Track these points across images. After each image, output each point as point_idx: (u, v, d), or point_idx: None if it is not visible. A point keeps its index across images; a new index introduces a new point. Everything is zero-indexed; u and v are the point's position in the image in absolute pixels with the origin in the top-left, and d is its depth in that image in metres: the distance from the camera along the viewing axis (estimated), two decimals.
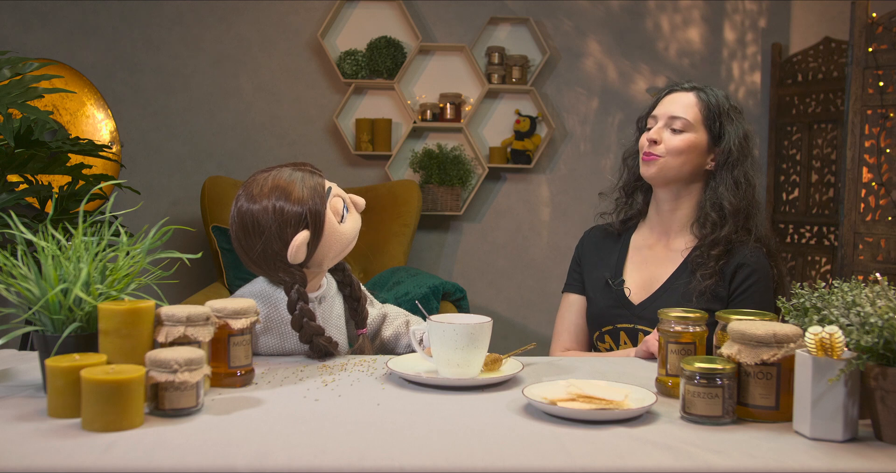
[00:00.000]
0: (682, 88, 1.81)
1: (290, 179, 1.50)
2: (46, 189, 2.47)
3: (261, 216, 1.47)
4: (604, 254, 1.88)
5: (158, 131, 3.92)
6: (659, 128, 1.77)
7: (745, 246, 1.73)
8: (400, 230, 3.65)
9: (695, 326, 1.30)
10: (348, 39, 3.93)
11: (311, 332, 1.49)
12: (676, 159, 1.75)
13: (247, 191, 1.50)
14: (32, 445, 1.01)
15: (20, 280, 1.20)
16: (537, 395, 1.19)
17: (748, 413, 1.17)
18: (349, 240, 1.56)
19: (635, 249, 1.86)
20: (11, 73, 2.20)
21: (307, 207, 1.47)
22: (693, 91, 1.80)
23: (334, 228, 1.52)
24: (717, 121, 1.76)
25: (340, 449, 1.01)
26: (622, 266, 1.85)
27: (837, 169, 3.60)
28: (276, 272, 1.50)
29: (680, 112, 1.76)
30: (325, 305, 1.59)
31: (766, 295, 1.72)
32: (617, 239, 1.90)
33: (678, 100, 1.79)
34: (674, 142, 1.75)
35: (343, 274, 1.65)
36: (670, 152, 1.75)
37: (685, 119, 1.75)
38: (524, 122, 3.88)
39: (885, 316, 1.04)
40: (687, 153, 1.75)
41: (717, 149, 1.77)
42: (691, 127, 1.75)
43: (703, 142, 1.76)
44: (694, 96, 1.78)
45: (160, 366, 1.12)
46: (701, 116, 1.76)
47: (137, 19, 3.86)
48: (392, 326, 1.71)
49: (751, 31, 4.03)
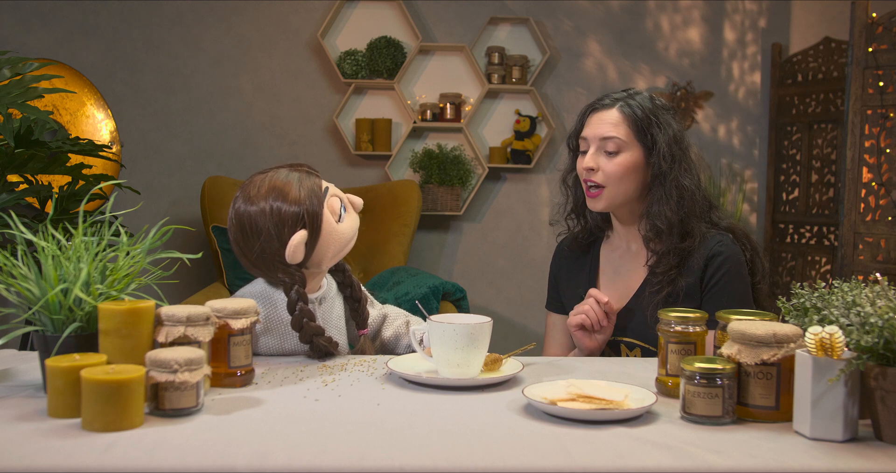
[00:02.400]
0: (604, 105, 1.73)
1: (286, 180, 1.50)
2: (46, 189, 2.47)
3: (258, 217, 1.47)
4: (576, 270, 1.86)
5: (158, 131, 3.92)
6: (593, 153, 1.71)
7: (709, 238, 1.70)
8: (400, 230, 3.65)
9: (695, 326, 1.30)
10: (348, 39, 3.93)
11: (311, 333, 1.48)
12: (620, 186, 1.70)
13: (244, 193, 1.51)
14: (32, 445, 1.01)
15: (20, 280, 1.20)
16: (537, 395, 1.19)
17: (748, 413, 1.17)
18: (347, 240, 1.55)
19: (606, 261, 1.83)
20: (11, 73, 2.20)
21: (304, 207, 1.47)
22: (616, 106, 1.72)
23: (332, 228, 1.51)
24: (647, 132, 1.70)
25: (340, 449, 1.01)
26: (595, 279, 1.82)
27: (837, 169, 3.60)
28: (275, 273, 1.50)
29: (609, 131, 1.69)
30: (326, 306, 1.59)
31: (740, 282, 1.69)
32: (586, 252, 1.86)
33: (604, 119, 1.71)
34: (611, 168, 1.69)
35: (343, 275, 1.65)
36: (610, 179, 1.69)
37: (617, 138, 1.69)
38: (524, 122, 3.88)
39: (885, 316, 1.04)
40: (627, 175, 1.70)
41: (651, 160, 1.71)
42: (625, 145, 1.69)
43: (640, 157, 1.70)
44: (618, 112, 1.71)
45: (160, 366, 1.12)
46: (631, 132, 1.70)
47: (137, 19, 3.86)
48: (392, 327, 1.71)
49: (751, 31, 4.03)
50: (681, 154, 1.71)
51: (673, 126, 1.72)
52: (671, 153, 1.69)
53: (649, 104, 1.73)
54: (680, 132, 1.74)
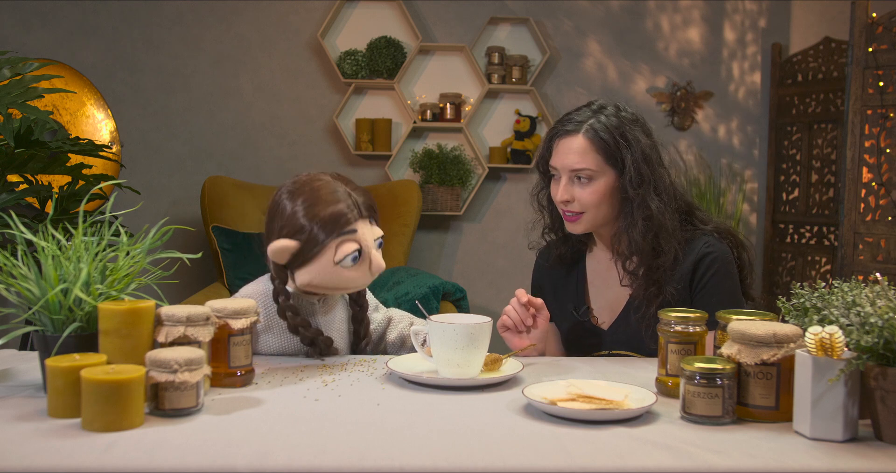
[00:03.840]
0: (569, 132, 1.66)
1: (328, 196, 1.47)
2: (46, 189, 2.47)
3: (281, 208, 1.49)
4: (562, 283, 1.82)
5: (158, 131, 3.92)
6: (565, 185, 1.66)
7: (695, 240, 1.68)
8: (400, 230, 3.65)
9: (695, 326, 1.30)
10: (348, 39, 3.93)
11: (296, 324, 1.50)
12: (598, 210, 1.66)
13: (293, 182, 1.52)
14: (32, 445, 1.01)
15: (20, 280, 1.20)
16: (537, 395, 1.19)
17: (748, 413, 1.17)
18: (335, 284, 1.50)
19: (593, 273, 1.79)
20: (11, 73, 2.20)
21: (311, 227, 1.46)
22: (581, 131, 1.64)
23: (327, 263, 1.47)
24: (616, 155, 1.63)
25: (340, 449, 1.01)
26: (583, 293, 1.78)
27: (837, 169, 3.60)
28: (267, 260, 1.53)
29: (579, 163, 1.63)
30: (328, 307, 1.60)
31: (729, 280, 1.67)
32: (572, 264, 1.82)
33: (572, 148, 1.64)
34: (587, 197, 1.65)
35: None
36: (588, 206, 1.65)
37: (588, 169, 1.63)
38: (524, 122, 3.88)
39: (885, 316, 1.04)
40: (604, 200, 1.66)
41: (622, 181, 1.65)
42: (596, 173, 1.63)
43: (613, 179, 1.65)
44: (584, 139, 1.64)
45: (160, 366, 1.12)
46: (601, 158, 1.63)
47: (137, 19, 3.86)
48: (396, 329, 1.71)
49: (751, 31, 4.03)
50: (649, 172, 1.64)
51: (641, 141, 1.65)
52: (639, 174, 1.63)
53: (615, 121, 1.65)
54: (649, 146, 1.66)
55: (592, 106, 1.70)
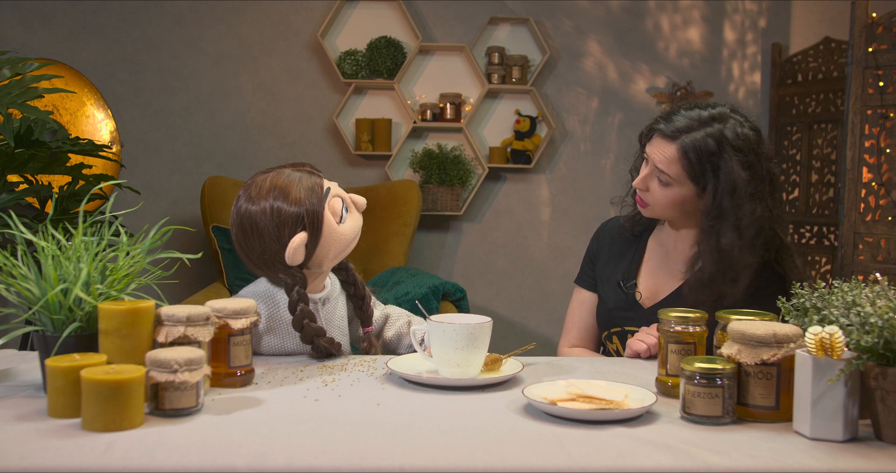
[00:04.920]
0: (668, 135, 1.63)
1: (288, 180, 1.50)
2: (46, 189, 2.47)
3: (259, 217, 1.47)
4: (618, 254, 1.84)
5: (158, 131, 3.92)
6: (646, 175, 1.68)
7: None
8: (400, 230, 3.65)
9: (695, 326, 1.30)
10: (348, 39, 3.93)
11: (312, 333, 1.48)
12: (665, 211, 1.69)
13: (246, 193, 1.51)
14: (32, 445, 1.01)
15: (20, 280, 1.20)
16: (537, 395, 1.19)
17: (748, 413, 1.17)
18: (349, 241, 1.55)
19: (651, 253, 1.81)
20: (11, 72, 2.20)
21: (304, 208, 1.47)
22: (677, 141, 1.62)
23: (333, 229, 1.51)
24: (702, 176, 1.61)
25: (340, 449, 1.01)
26: (636, 269, 1.80)
27: (837, 169, 3.60)
28: (276, 273, 1.50)
29: (663, 166, 1.63)
30: (329, 306, 1.59)
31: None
32: (634, 239, 1.84)
33: (662, 151, 1.64)
34: (658, 196, 1.67)
35: (346, 273, 1.64)
36: (657, 203, 1.68)
37: (668, 175, 1.64)
38: (524, 122, 3.88)
39: (885, 316, 1.04)
40: (673, 206, 1.67)
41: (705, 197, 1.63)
42: (675, 182, 1.64)
43: (691, 193, 1.65)
44: (676, 150, 1.62)
45: (160, 366, 1.12)
46: (684, 173, 1.62)
47: (137, 19, 3.86)
48: (394, 327, 1.71)
49: (751, 31, 4.03)
50: (732, 206, 1.59)
51: (734, 174, 1.58)
52: (718, 207, 1.60)
53: (713, 146, 1.59)
54: (744, 180, 1.59)
55: (706, 112, 1.64)
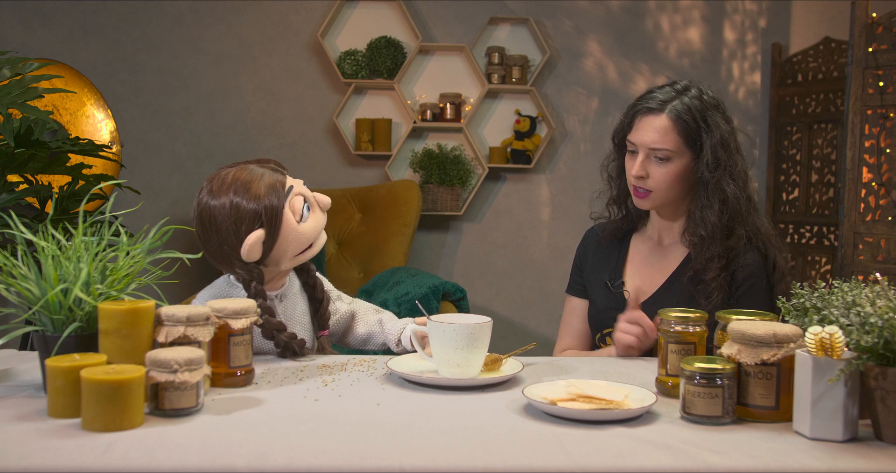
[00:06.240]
0: (654, 110, 1.68)
1: (250, 176, 1.49)
2: (46, 189, 2.47)
3: (218, 211, 1.48)
4: (604, 256, 1.87)
5: (158, 131, 3.92)
6: (642, 161, 1.69)
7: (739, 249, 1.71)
8: (400, 230, 3.65)
9: (695, 326, 1.30)
10: (348, 39, 3.93)
11: (272, 328, 1.48)
12: (668, 191, 1.71)
13: (209, 186, 1.51)
14: (32, 445, 1.01)
15: (20, 280, 1.20)
16: (537, 395, 1.19)
17: (748, 413, 1.17)
18: (308, 240, 1.52)
19: (635, 251, 1.85)
20: (11, 72, 2.20)
21: (263, 205, 1.46)
22: (665, 111, 1.67)
23: (292, 227, 1.49)
24: (696, 138, 1.67)
25: (340, 449, 1.01)
26: (622, 268, 1.83)
27: (837, 169, 3.60)
28: (233, 267, 1.51)
29: (659, 143, 1.67)
30: (288, 302, 1.59)
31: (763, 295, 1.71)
32: (618, 240, 1.87)
33: (654, 127, 1.67)
34: (661, 176, 1.69)
35: (307, 274, 1.63)
36: (660, 186, 1.70)
37: (666, 149, 1.67)
38: (524, 122, 3.88)
39: (885, 316, 1.04)
40: (676, 181, 1.70)
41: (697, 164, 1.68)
42: (674, 154, 1.68)
43: (689, 161, 1.69)
44: (667, 119, 1.66)
45: (160, 366, 1.12)
46: (681, 139, 1.67)
47: (137, 19, 3.86)
48: (365, 324, 1.69)
49: (751, 31, 4.03)
50: (726, 158, 1.67)
51: (721, 126, 1.68)
52: (716, 159, 1.66)
53: (698, 104, 1.68)
54: (728, 132, 1.69)
55: (676, 86, 1.72)
